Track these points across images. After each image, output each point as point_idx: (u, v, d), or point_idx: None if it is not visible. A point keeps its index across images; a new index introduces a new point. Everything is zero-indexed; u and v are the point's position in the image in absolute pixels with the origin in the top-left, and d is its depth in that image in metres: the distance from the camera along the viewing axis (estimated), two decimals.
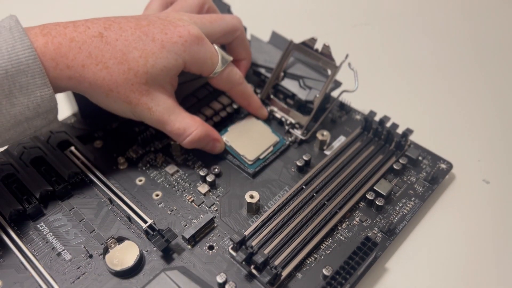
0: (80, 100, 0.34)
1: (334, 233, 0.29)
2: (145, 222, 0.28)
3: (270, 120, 0.36)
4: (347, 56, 0.33)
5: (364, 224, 0.30)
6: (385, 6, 0.54)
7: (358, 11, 0.53)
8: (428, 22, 0.51)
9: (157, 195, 0.31)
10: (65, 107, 0.37)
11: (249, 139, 0.34)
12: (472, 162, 0.36)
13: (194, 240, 0.29)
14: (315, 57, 0.35)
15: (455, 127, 0.39)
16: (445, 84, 0.43)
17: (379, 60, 0.46)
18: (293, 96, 0.36)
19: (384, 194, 0.31)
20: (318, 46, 0.34)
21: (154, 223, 0.28)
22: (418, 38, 0.49)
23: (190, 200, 0.31)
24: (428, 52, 0.47)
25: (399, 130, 0.34)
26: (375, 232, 0.29)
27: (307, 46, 0.35)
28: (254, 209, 0.30)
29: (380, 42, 0.49)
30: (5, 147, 0.32)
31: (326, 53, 0.34)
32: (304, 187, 0.31)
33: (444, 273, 0.29)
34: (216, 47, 0.31)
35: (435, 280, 0.29)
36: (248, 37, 0.40)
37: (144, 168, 0.33)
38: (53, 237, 0.29)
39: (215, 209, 0.31)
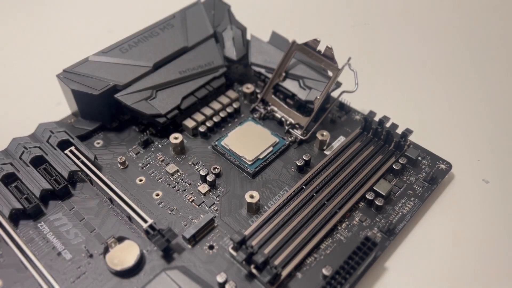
0: (80, 99, 0.34)
1: (334, 233, 0.29)
2: (146, 221, 0.29)
3: (270, 120, 0.37)
4: (349, 59, 0.33)
5: (364, 224, 0.30)
6: (384, 6, 0.54)
7: (357, 11, 0.53)
8: (427, 22, 0.51)
9: (157, 195, 0.31)
10: (65, 107, 0.37)
11: (249, 141, 0.34)
12: (471, 162, 0.36)
13: (194, 239, 0.29)
14: (317, 59, 0.35)
15: (454, 127, 0.39)
16: (445, 84, 0.43)
17: (378, 60, 0.46)
18: (293, 96, 0.36)
19: (384, 194, 0.31)
20: (321, 47, 0.34)
21: (155, 223, 0.28)
22: (418, 38, 0.49)
23: (190, 200, 0.31)
24: (427, 52, 0.47)
25: (399, 130, 0.34)
26: (375, 232, 0.29)
27: (310, 47, 0.35)
28: (254, 209, 0.30)
29: (379, 42, 0.49)
30: (5, 147, 0.32)
31: (328, 55, 0.34)
32: (304, 187, 0.31)
33: (443, 273, 0.29)
34: None
35: (434, 279, 0.29)
36: (248, 37, 0.40)
37: (144, 168, 0.33)
38: (53, 236, 0.29)
39: (215, 209, 0.31)
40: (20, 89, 0.42)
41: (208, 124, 0.35)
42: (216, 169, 0.32)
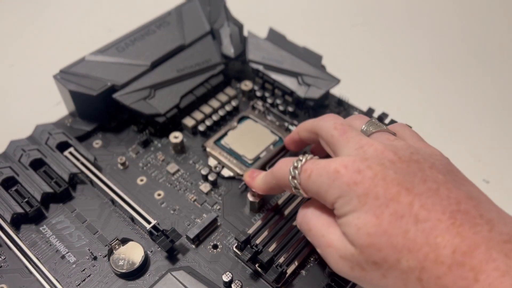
0: (78, 100, 0.34)
1: None
2: (149, 222, 0.28)
3: (269, 120, 0.37)
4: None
5: None
6: (383, 5, 0.54)
7: (356, 10, 0.53)
8: (426, 20, 0.52)
9: (159, 195, 0.31)
10: (62, 107, 0.37)
11: (249, 140, 0.34)
12: (472, 162, 0.36)
13: (198, 239, 0.29)
14: None
15: (454, 126, 0.39)
16: (444, 82, 0.43)
17: (377, 58, 0.47)
18: (291, 93, 0.36)
19: None
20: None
21: (158, 224, 0.28)
22: (417, 36, 0.49)
23: (192, 200, 0.31)
24: (426, 50, 0.47)
25: None
26: None
27: None
28: (257, 208, 0.30)
29: (378, 41, 0.49)
30: (3, 150, 0.32)
31: None
32: None
33: None
34: None
35: None
36: (245, 33, 0.40)
37: (145, 168, 0.33)
38: (56, 239, 0.29)
39: (217, 208, 0.31)
40: (16, 89, 0.42)
41: (208, 122, 0.35)
42: (217, 168, 0.32)
